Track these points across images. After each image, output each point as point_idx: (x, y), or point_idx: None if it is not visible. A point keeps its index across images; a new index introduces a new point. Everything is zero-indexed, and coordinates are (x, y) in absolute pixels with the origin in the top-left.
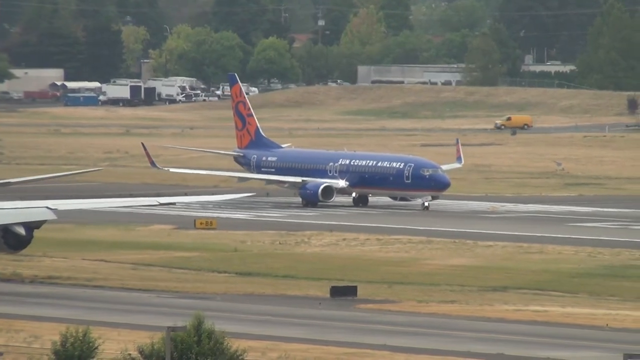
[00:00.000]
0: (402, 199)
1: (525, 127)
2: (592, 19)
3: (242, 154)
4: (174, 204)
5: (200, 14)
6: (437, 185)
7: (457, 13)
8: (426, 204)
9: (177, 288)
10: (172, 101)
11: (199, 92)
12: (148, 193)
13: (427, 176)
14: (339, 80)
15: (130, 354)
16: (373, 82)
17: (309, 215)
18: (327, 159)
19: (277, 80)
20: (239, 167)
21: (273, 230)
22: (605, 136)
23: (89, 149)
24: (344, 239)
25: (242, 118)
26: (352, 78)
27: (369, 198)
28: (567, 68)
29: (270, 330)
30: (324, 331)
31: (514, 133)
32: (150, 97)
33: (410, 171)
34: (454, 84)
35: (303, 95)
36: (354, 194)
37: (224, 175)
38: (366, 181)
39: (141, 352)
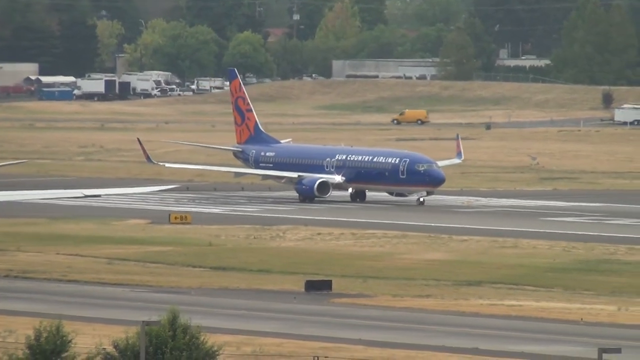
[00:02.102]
0: (399, 194)
1: (419, 122)
2: (568, 13)
3: (240, 149)
4: (99, 196)
5: (175, 8)
6: (432, 180)
7: (432, 7)
8: (421, 199)
9: (151, 282)
10: (147, 95)
11: (173, 86)
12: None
13: (422, 171)
14: (313, 75)
15: (104, 349)
16: (348, 76)
17: (284, 210)
18: (324, 154)
19: (252, 75)
20: (237, 162)
21: (248, 224)
22: (580, 130)
23: (63, 143)
24: (319, 234)
25: (241, 113)
26: (326, 72)
27: (366, 193)
28: (542, 62)
29: (245, 325)
30: (299, 325)
31: (488, 127)
32: (125, 92)
33: (406, 166)
34: (428, 78)
35: (278, 89)
36: (350, 190)
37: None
38: (362, 176)
39: (116, 346)
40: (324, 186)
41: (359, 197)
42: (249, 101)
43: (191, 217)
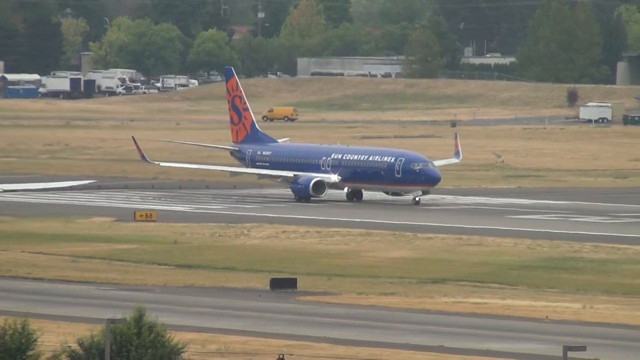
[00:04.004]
0: (395, 193)
1: (286, 119)
2: (533, 11)
3: (237, 149)
4: (17, 190)
5: (140, 6)
6: (427, 179)
7: (397, 5)
8: (417, 198)
9: (117, 280)
10: (112, 93)
11: (138, 84)
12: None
13: (418, 171)
14: (278, 73)
15: (70, 346)
16: (313, 74)
17: (249, 208)
18: (320, 153)
19: (216, 73)
20: (235, 161)
21: (213, 222)
22: (545, 128)
23: (29, 141)
24: (284, 231)
25: (238, 112)
26: (291, 70)
27: (363, 192)
28: (507, 60)
29: (210, 323)
30: (264, 323)
31: (453, 125)
32: (90, 90)
33: (401, 166)
34: (393, 76)
35: (243, 87)
36: (346, 189)
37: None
38: (358, 176)
39: (81, 344)
40: (320, 185)
41: (355, 196)
42: (246, 100)
43: (156, 215)
